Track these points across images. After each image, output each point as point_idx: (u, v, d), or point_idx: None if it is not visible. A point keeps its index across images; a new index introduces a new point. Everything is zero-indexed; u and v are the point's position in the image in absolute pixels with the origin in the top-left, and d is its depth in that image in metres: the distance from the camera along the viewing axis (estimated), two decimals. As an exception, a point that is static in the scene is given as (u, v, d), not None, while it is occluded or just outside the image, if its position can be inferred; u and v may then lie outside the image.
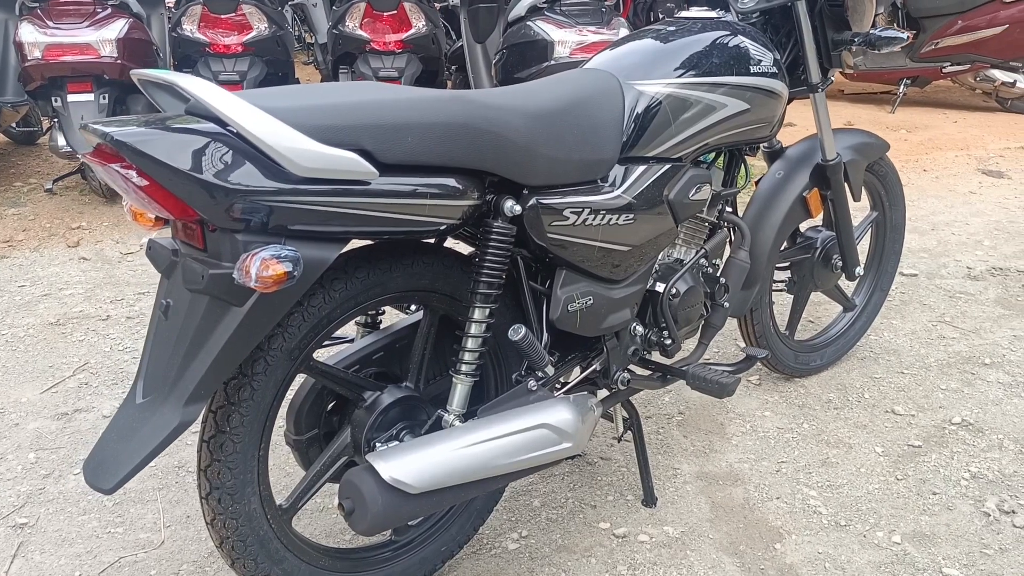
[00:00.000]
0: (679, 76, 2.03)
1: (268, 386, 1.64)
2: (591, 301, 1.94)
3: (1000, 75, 6.47)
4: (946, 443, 2.54)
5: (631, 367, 2.16)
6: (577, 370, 2.10)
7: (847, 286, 2.97)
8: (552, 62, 4.50)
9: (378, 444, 1.80)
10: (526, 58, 4.66)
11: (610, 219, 1.91)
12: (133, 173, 1.39)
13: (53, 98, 4.43)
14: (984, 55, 6.12)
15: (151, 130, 1.41)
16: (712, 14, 2.23)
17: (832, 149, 2.54)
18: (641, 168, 1.99)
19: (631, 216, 1.95)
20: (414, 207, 1.60)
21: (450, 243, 1.87)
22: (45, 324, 3.35)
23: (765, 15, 2.39)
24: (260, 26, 4.61)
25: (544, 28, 4.52)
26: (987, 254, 3.98)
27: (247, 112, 1.40)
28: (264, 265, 1.38)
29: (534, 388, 1.85)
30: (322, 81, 7.55)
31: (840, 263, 2.76)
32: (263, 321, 1.53)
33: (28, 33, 4.30)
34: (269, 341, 1.61)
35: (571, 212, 1.84)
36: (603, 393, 2.16)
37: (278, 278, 1.39)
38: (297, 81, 5.29)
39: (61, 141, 4.51)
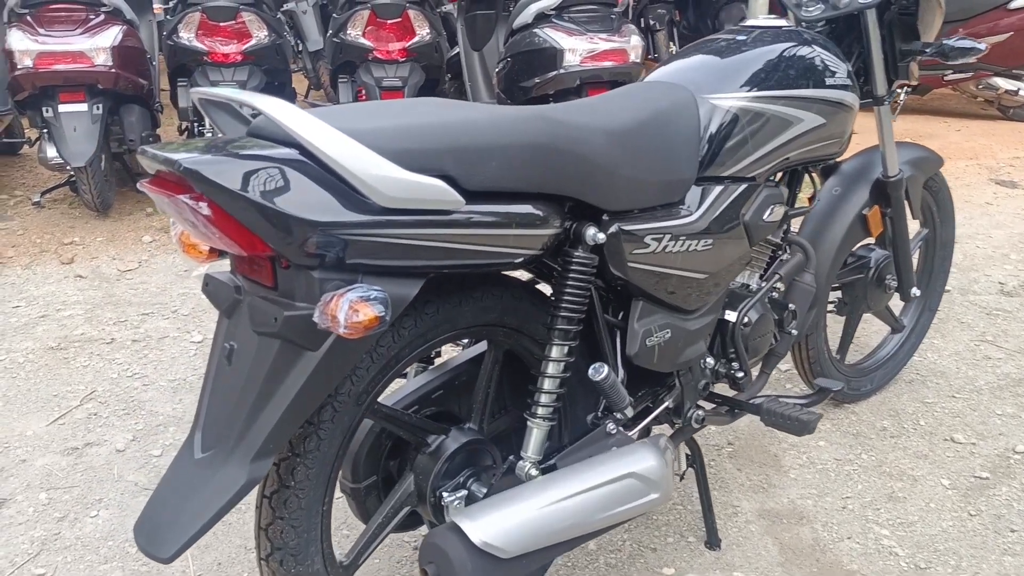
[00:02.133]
0: (755, 89, 1.90)
1: (335, 435, 1.49)
2: (669, 334, 1.80)
3: (1003, 83, 6.43)
4: (1014, 474, 2.43)
5: (699, 402, 2.03)
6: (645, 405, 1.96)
7: (895, 306, 2.86)
8: (561, 71, 4.37)
9: (444, 494, 1.65)
10: (533, 67, 4.52)
11: (689, 245, 1.78)
12: (204, 205, 1.24)
13: (44, 108, 4.22)
14: (987, 63, 6.08)
15: (222, 157, 1.25)
16: (781, 22, 2.11)
17: (895, 165, 2.43)
18: (718, 188, 1.86)
19: (709, 241, 1.82)
20: (499, 238, 1.46)
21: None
22: (45, 348, 3.15)
23: (830, 24, 2.27)
24: (260, 34, 4.44)
25: (553, 36, 4.38)
26: (1016, 268, 3.90)
27: (329, 136, 1.25)
28: (353, 308, 1.23)
29: (613, 432, 1.71)
30: (309, 89, 7.36)
31: (895, 283, 2.64)
32: (339, 366, 1.38)
33: (18, 41, 4.09)
34: (337, 386, 1.46)
35: (652, 239, 1.70)
36: (661, 427, 2.02)
37: (369, 323, 1.23)
38: (294, 91, 5.11)
39: (51, 152, 4.30)
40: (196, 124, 4.64)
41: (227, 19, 4.38)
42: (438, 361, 1.85)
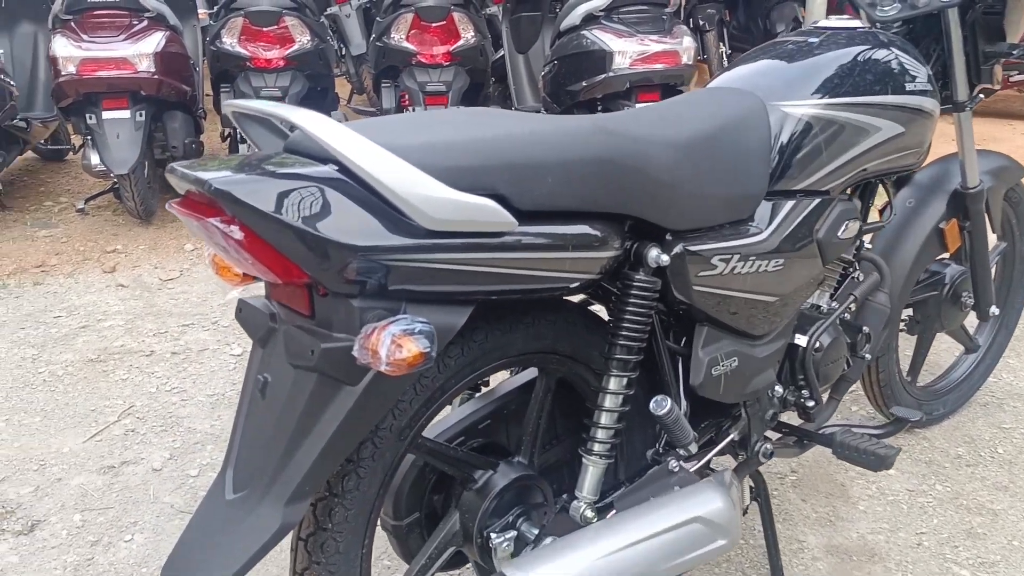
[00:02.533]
0: (830, 96, 1.76)
1: (376, 473, 1.38)
2: (736, 362, 1.66)
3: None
4: (1106, 509, 2.25)
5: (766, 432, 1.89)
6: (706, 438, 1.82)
7: (969, 325, 2.68)
8: (611, 74, 4.23)
9: (492, 535, 1.53)
10: (580, 70, 4.39)
11: (760, 265, 1.64)
12: (235, 229, 1.13)
13: (87, 115, 4.19)
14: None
15: (255, 176, 1.15)
16: (855, 23, 1.95)
17: (975, 175, 2.26)
18: (790, 204, 1.71)
19: (780, 261, 1.68)
20: (554, 261, 1.33)
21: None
22: (85, 361, 3.09)
23: (907, 24, 2.12)
24: (303, 39, 4.36)
25: (602, 38, 4.24)
26: (1094, 282, 3.67)
27: (371, 153, 1.14)
28: (396, 344, 1.11)
29: (675, 470, 1.58)
30: (352, 93, 7.28)
31: (971, 301, 2.47)
32: (381, 402, 1.27)
33: (62, 47, 4.07)
34: (378, 421, 1.35)
35: (719, 259, 1.57)
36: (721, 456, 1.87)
37: (414, 360, 1.12)
38: (337, 96, 5.03)
39: (95, 160, 4.27)
40: (239, 131, 4.58)
41: (269, 24, 4.31)
42: (483, 385, 1.73)
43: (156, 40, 4.19)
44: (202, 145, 4.71)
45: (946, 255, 2.46)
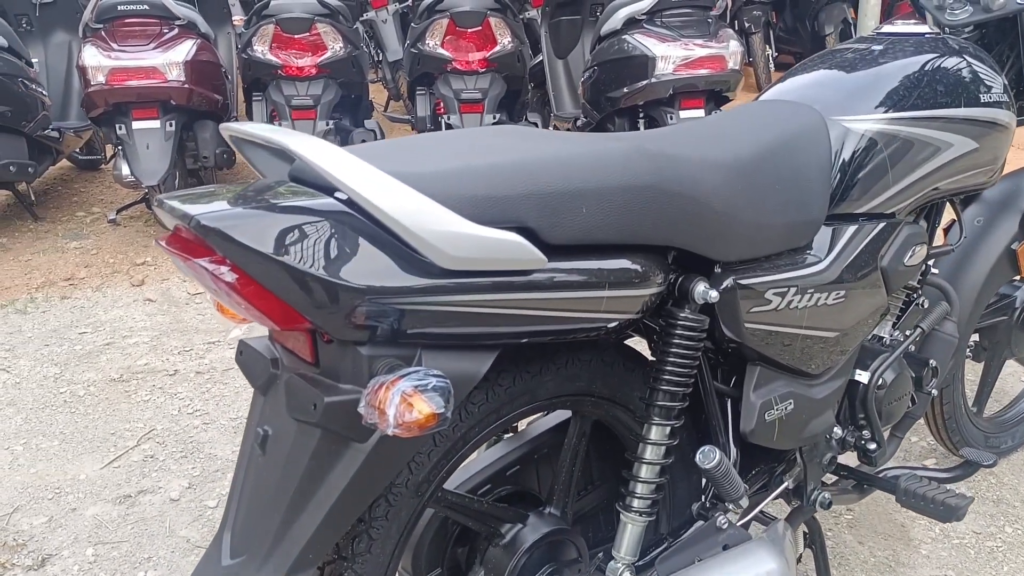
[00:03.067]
0: (896, 109, 1.59)
1: (390, 533, 1.24)
2: (791, 405, 1.50)
3: None
4: None
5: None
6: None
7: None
8: (653, 80, 4.06)
9: (522, 597, 1.39)
10: (621, 76, 4.23)
11: (819, 299, 1.48)
12: (226, 271, 1.00)
13: (117, 125, 4.12)
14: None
15: (250, 210, 1.02)
16: (922, 29, 1.78)
17: (1051, 192, 2.07)
18: (852, 229, 1.55)
19: (842, 293, 1.52)
20: (589, 301, 1.19)
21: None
22: (108, 380, 3.01)
23: (979, 29, 1.93)
24: (335, 46, 4.26)
25: (644, 42, 4.08)
26: None
27: (380, 184, 1.00)
28: (406, 403, 0.97)
29: (724, 526, 1.42)
30: (389, 101, 7.17)
31: (1045, 327, 2.27)
32: (394, 460, 1.13)
33: (92, 56, 4.01)
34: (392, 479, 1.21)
35: (774, 293, 1.41)
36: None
37: (425, 422, 0.98)
38: (371, 104, 4.93)
39: (125, 170, 4.21)
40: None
41: (301, 31, 4.22)
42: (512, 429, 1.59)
43: (187, 48, 4.11)
44: (234, 155, 4.62)
45: (1017, 277, 2.27)
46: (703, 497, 1.49)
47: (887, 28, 1.82)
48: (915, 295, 1.85)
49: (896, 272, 1.62)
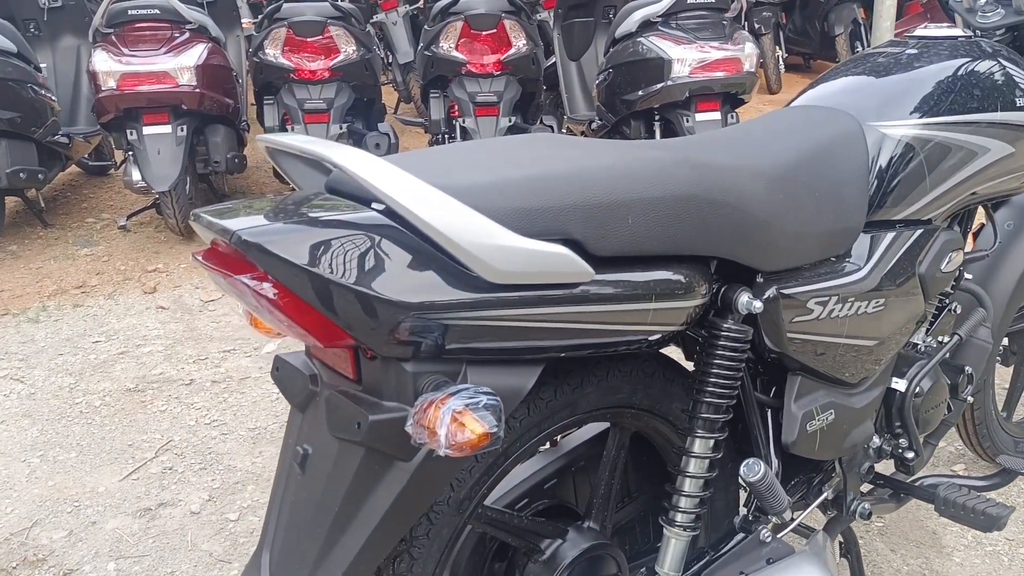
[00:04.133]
0: (932, 114, 1.56)
1: (432, 552, 1.21)
2: (832, 415, 1.48)
3: None
4: None
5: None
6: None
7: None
8: (669, 83, 4.03)
9: (562, 613, 1.36)
10: (637, 79, 4.20)
11: (859, 307, 1.45)
12: (267, 286, 0.98)
13: (128, 130, 4.10)
14: None
15: (291, 225, 0.99)
16: (955, 32, 1.75)
17: (1084, 195, 2.04)
18: (890, 236, 1.53)
19: (881, 301, 1.49)
20: (634, 314, 1.16)
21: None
22: (123, 390, 2.98)
23: (1011, 31, 1.90)
24: (348, 49, 4.24)
25: (659, 45, 4.05)
26: None
27: (425, 196, 0.97)
28: (457, 423, 0.95)
29: (768, 540, 1.40)
30: (399, 103, 7.15)
31: (1076, 331, 2.24)
32: (439, 478, 1.11)
33: (102, 62, 3.98)
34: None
35: (816, 303, 1.38)
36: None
37: (478, 441, 0.95)
38: (384, 107, 4.90)
39: (136, 176, 4.18)
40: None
41: (314, 34, 4.19)
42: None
43: (198, 53, 4.09)
44: (246, 159, 4.60)
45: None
46: (746, 510, 1.46)
47: (919, 32, 1.79)
48: (947, 301, 1.83)
49: (934, 279, 1.60)
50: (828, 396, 1.48)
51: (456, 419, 0.95)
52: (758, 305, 1.28)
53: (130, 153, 4.20)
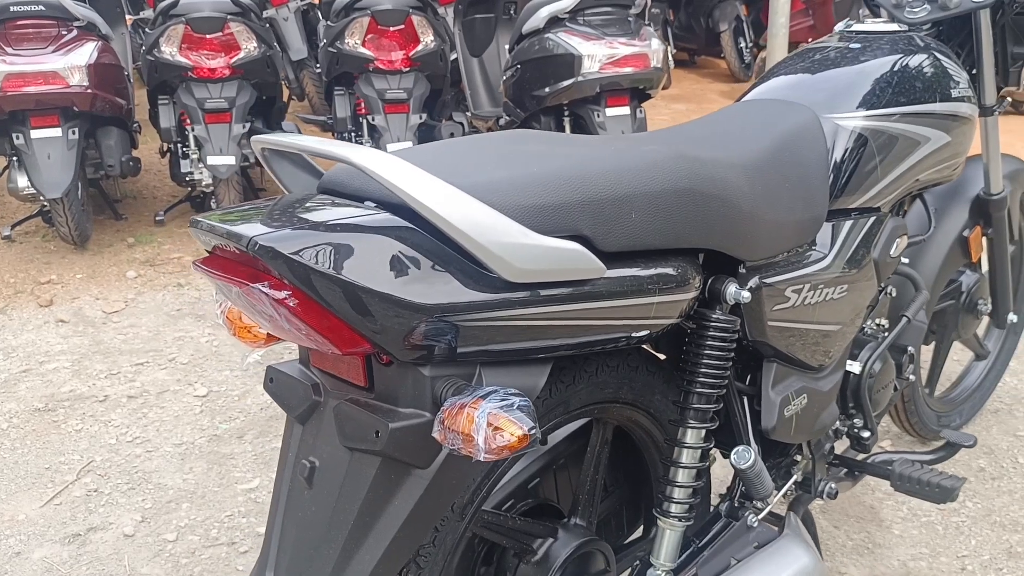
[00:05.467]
0: (881, 106, 1.62)
1: (437, 561, 1.19)
2: (806, 399, 1.52)
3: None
4: None
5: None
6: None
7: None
8: (579, 78, 4.07)
9: (556, 612, 1.36)
10: (546, 75, 4.22)
11: (828, 293, 1.50)
12: (286, 293, 0.93)
13: (13, 134, 3.84)
14: None
15: (303, 230, 0.95)
16: (892, 27, 1.83)
17: (999, 181, 2.17)
18: (848, 224, 1.58)
19: (845, 287, 1.54)
20: (639, 308, 1.16)
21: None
22: (31, 411, 2.80)
23: (936, 27, 2.00)
24: (249, 46, 4.09)
25: (569, 41, 4.08)
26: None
27: (446, 195, 0.95)
28: (494, 427, 0.93)
29: (754, 524, 1.43)
30: (290, 101, 6.95)
31: (987, 308, 2.38)
32: (456, 483, 1.09)
33: (-16, 61, 3.72)
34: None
35: (793, 291, 1.42)
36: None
37: (517, 443, 0.93)
38: (285, 105, 4.76)
39: (23, 182, 3.93)
40: (180, 145, 4.28)
41: (213, 31, 4.02)
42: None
43: (88, 51, 3.87)
44: (139, 162, 4.39)
45: (966, 264, 2.37)
46: (731, 498, 1.49)
47: (856, 27, 1.86)
48: (883, 285, 1.91)
49: (885, 263, 1.67)
50: (800, 381, 1.52)
51: (492, 422, 0.93)
52: (746, 295, 1.30)
53: (14, 158, 3.94)
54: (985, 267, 2.37)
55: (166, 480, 2.42)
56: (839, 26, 1.99)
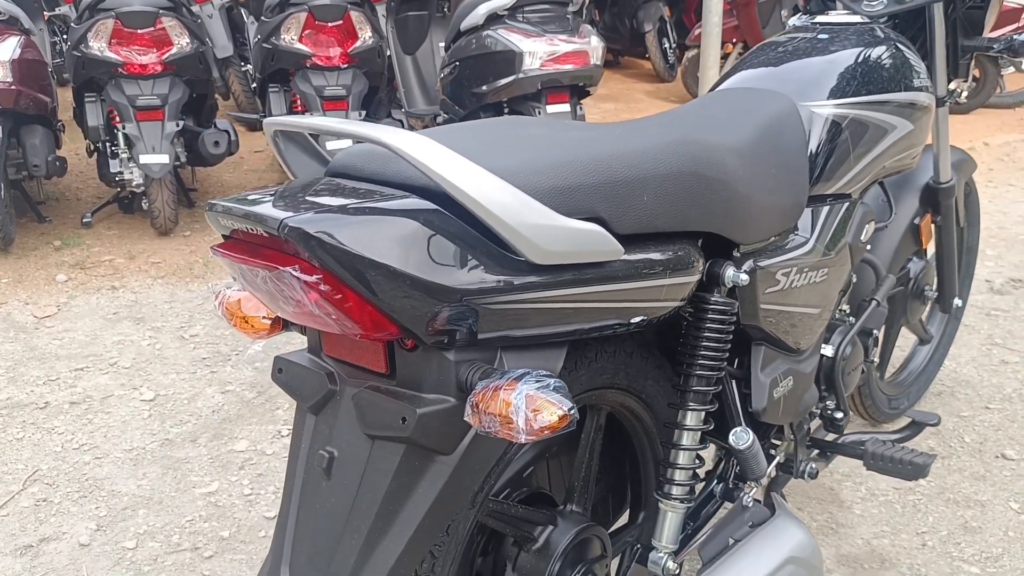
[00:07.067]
0: (853, 94, 1.67)
1: (450, 551, 1.17)
2: (792, 382, 1.55)
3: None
4: (1083, 491, 2.29)
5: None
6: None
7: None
8: (521, 75, 4.08)
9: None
10: (486, 72, 4.21)
11: (811, 277, 1.54)
12: (318, 278, 0.90)
13: (-70, 133, 3.66)
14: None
15: (336, 213, 0.93)
16: (855, 19, 1.88)
17: (948, 170, 2.25)
18: (825, 209, 1.63)
19: (825, 270, 1.58)
20: (652, 290, 1.17)
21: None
22: (-34, 420, 2.66)
23: (891, 19, 2.06)
24: (181, 41, 3.96)
25: (509, 38, 4.08)
26: (997, 265, 3.85)
27: (479, 178, 0.94)
28: (533, 408, 0.92)
29: (749, 505, 1.45)
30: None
31: (933, 294, 2.47)
32: (480, 468, 1.08)
33: None
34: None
35: (782, 274, 1.45)
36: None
37: (558, 423, 0.93)
38: (216, 103, 4.64)
39: (-60, 184, 3.73)
40: (109, 144, 4.13)
41: (145, 26, 3.89)
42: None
43: (11, 46, 3.70)
44: (66, 162, 4.22)
45: (916, 251, 2.45)
46: (725, 478, 1.51)
47: (820, 18, 1.91)
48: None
49: (856, 248, 1.71)
50: (785, 364, 1.55)
51: (531, 404, 0.92)
52: (744, 277, 1.32)
53: (-69, 159, 3.75)
54: (930, 254, 2.47)
55: (119, 487, 2.33)
56: (793, 21, 2.04)
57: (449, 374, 1.00)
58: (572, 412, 0.93)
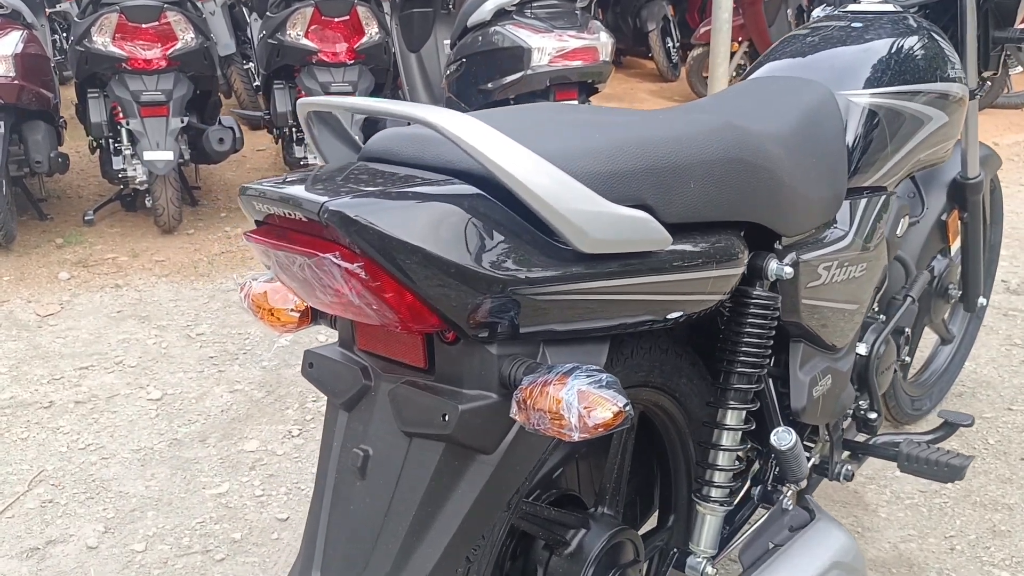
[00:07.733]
0: (890, 84, 1.62)
1: (486, 555, 1.12)
2: (830, 380, 1.50)
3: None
4: (1112, 494, 2.24)
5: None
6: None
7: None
8: (529, 72, 4.02)
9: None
10: (494, 68, 4.16)
11: (850, 272, 1.49)
12: (359, 266, 0.85)
13: (-68, 129, 3.60)
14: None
15: (378, 198, 0.87)
16: (888, 7, 1.83)
17: (976, 165, 2.20)
18: (863, 202, 1.58)
19: (864, 265, 1.53)
20: (698, 282, 1.12)
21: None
22: (-32, 420, 2.60)
23: (923, 9, 2.02)
24: (186, 36, 3.90)
25: (518, 34, 4.03)
26: (1012, 264, 3.80)
27: (530, 163, 0.89)
28: (586, 405, 0.86)
29: (789, 508, 1.40)
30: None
31: (957, 293, 2.42)
32: (522, 467, 1.03)
33: (-102, 49, 3.47)
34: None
35: (824, 268, 1.40)
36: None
37: (613, 420, 0.87)
38: (219, 100, 4.58)
39: (-60, 180, 3.67)
40: (112, 140, 4.07)
41: (149, 20, 3.83)
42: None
43: (13, 41, 3.64)
44: (68, 159, 4.16)
45: (943, 248, 2.40)
46: (764, 481, 1.46)
47: (853, 7, 1.86)
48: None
49: (893, 243, 1.67)
50: (824, 362, 1.50)
51: (584, 402, 0.87)
52: (788, 270, 1.27)
53: (-68, 155, 3.68)
54: (954, 252, 2.42)
55: (127, 488, 2.28)
56: (818, 11, 2.00)
57: (491, 369, 0.95)
58: (627, 409, 0.88)
